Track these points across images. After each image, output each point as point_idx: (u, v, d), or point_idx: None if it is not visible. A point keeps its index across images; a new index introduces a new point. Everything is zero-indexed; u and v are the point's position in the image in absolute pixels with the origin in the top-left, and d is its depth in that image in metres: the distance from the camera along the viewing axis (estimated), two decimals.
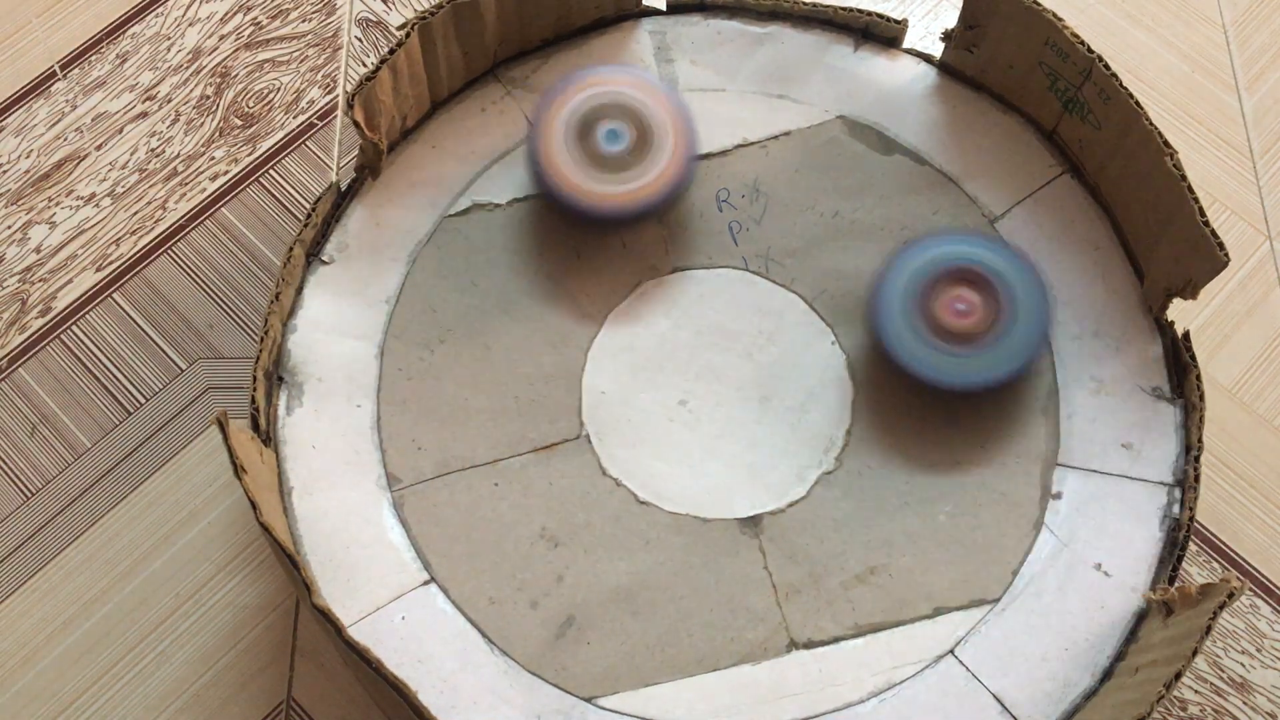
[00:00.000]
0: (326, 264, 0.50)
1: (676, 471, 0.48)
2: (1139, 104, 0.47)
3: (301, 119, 0.58)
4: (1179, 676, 0.40)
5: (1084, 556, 0.46)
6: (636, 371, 0.50)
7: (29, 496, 0.51)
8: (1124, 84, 0.47)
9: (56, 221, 0.56)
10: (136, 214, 0.56)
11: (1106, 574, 0.46)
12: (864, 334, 0.50)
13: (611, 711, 0.44)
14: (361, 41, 0.60)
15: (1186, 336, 0.48)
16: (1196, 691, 0.48)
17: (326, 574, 0.46)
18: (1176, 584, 0.45)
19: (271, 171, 0.57)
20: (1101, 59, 0.47)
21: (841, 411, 0.49)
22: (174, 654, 0.49)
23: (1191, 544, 0.51)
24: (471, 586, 0.46)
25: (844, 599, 0.46)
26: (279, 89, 0.59)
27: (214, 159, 0.57)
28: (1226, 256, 0.45)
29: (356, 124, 0.48)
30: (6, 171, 0.57)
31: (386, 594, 0.46)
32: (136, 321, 0.55)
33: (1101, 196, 0.51)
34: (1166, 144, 0.46)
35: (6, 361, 0.54)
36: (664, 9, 0.55)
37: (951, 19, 0.60)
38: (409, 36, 0.49)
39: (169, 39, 0.60)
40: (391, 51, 0.48)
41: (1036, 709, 0.44)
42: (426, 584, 0.46)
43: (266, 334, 0.47)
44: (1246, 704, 0.48)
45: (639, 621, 0.46)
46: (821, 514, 0.47)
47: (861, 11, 0.54)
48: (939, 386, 0.47)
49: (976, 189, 0.52)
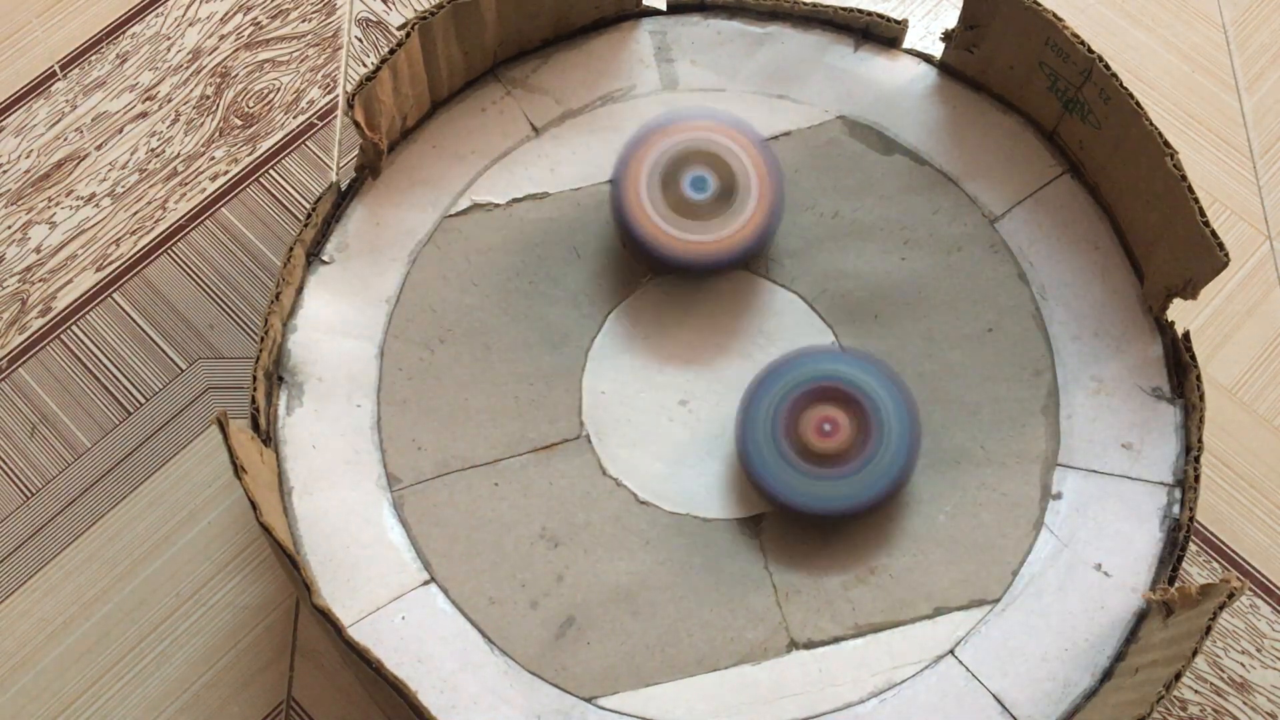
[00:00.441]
0: (326, 264, 0.50)
1: (676, 471, 0.48)
2: (1139, 104, 0.47)
3: (301, 119, 0.58)
4: (1179, 676, 0.40)
5: (1084, 556, 0.46)
6: (636, 371, 0.50)
7: (29, 496, 0.51)
8: (1124, 84, 0.47)
9: (56, 221, 0.56)
10: (136, 214, 0.56)
11: (1106, 574, 0.46)
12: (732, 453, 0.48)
13: (611, 711, 0.44)
14: (361, 41, 0.60)
15: (1186, 336, 0.48)
16: (1196, 691, 0.48)
17: (326, 574, 0.46)
18: (1176, 584, 0.45)
19: (271, 171, 0.57)
20: (1101, 59, 0.47)
21: None
22: (174, 654, 0.49)
23: (1191, 544, 0.51)
24: (471, 586, 0.46)
25: (844, 599, 0.46)
26: (279, 89, 0.59)
27: (214, 159, 0.57)
28: (1226, 256, 0.45)
29: (356, 124, 0.48)
30: (6, 171, 0.57)
31: (386, 594, 0.46)
32: (136, 321, 0.55)
33: (1101, 196, 0.51)
34: (1166, 144, 0.46)
35: (6, 361, 0.54)
36: (664, 9, 0.55)
37: (951, 19, 0.60)
38: (409, 36, 0.49)
39: (169, 39, 0.60)
40: (391, 51, 0.48)
41: (1036, 709, 0.44)
42: (426, 584, 0.46)
43: (266, 334, 0.47)
44: (1246, 704, 0.48)
45: (639, 621, 0.46)
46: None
47: (861, 11, 0.54)
48: (806, 512, 0.45)
49: (976, 189, 0.52)
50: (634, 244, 0.49)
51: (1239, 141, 0.58)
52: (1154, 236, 0.48)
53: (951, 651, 0.45)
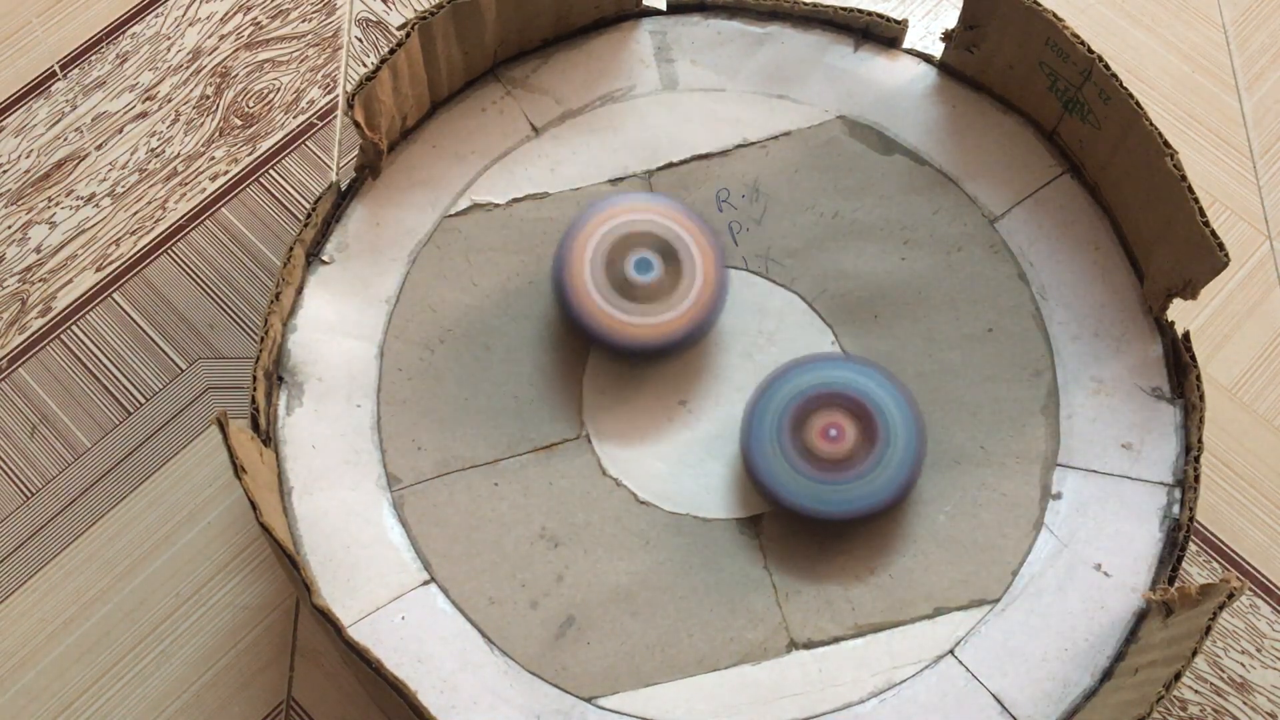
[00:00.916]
0: (326, 264, 0.50)
1: (676, 471, 0.48)
2: (1139, 104, 0.47)
3: (301, 119, 0.58)
4: (1179, 676, 0.40)
5: (1084, 556, 0.46)
6: (636, 371, 0.50)
7: (29, 496, 0.51)
8: (1124, 84, 0.47)
9: (56, 221, 0.56)
10: (136, 214, 0.56)
11: (1106, 574, 0.46)
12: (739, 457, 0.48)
13: (611, 711, 0.44)
14: (361, 41, 0.60)
15: (1186, 336, 0.48)
16: (1196, 691, 0.48)
17: (326, 574, 0.46)
18: (1176, 584, 0.45)
19: (271, 171, 0.57)
20: (1101, 59, 0.47)
21: None
22: (174, 654, 0.49)
23: (1191, 544, 0.51)
24: (471, 586, 0.46)
25: (844, 599, 0.46)
26: (279, 89, 0.59)
27: (214, 159, 0.57)
28: (1226, 256, 0.45)
29: (356, 124, 0.48)
30: (6, 171, 0.57)
31: (386, 594, 0.46)
32: (136, 321, 0.55)
33: (1101, 196, 0.51)
34: (1166, 144, 0.46)
35: (6, 361, 0.54)
36: (664, 9, 0.55)
37: (951, 19, 0.60)
38: (409, 36, 0.49)
39: (169, 39, 0.60)
40: (391, 51, 0.48)
41: (1036, 709, 0.44)
42: (426, 584, 0.46)
43: (266, 334, 0.47)
44: (1246, 704, 0.48)
45: (639, 621, 0.46)
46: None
47: (861, 11, 0.54)
48: (812, 516, 0.45)
49: (976, 189, 0.52)
50: (577, 325, 0.48)
51: (1239, 141, 0.58)
52: (1154, 236, 0.48)
53: (951, 651, 0.45)
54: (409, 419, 0.48)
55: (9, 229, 0.56)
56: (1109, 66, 0.47)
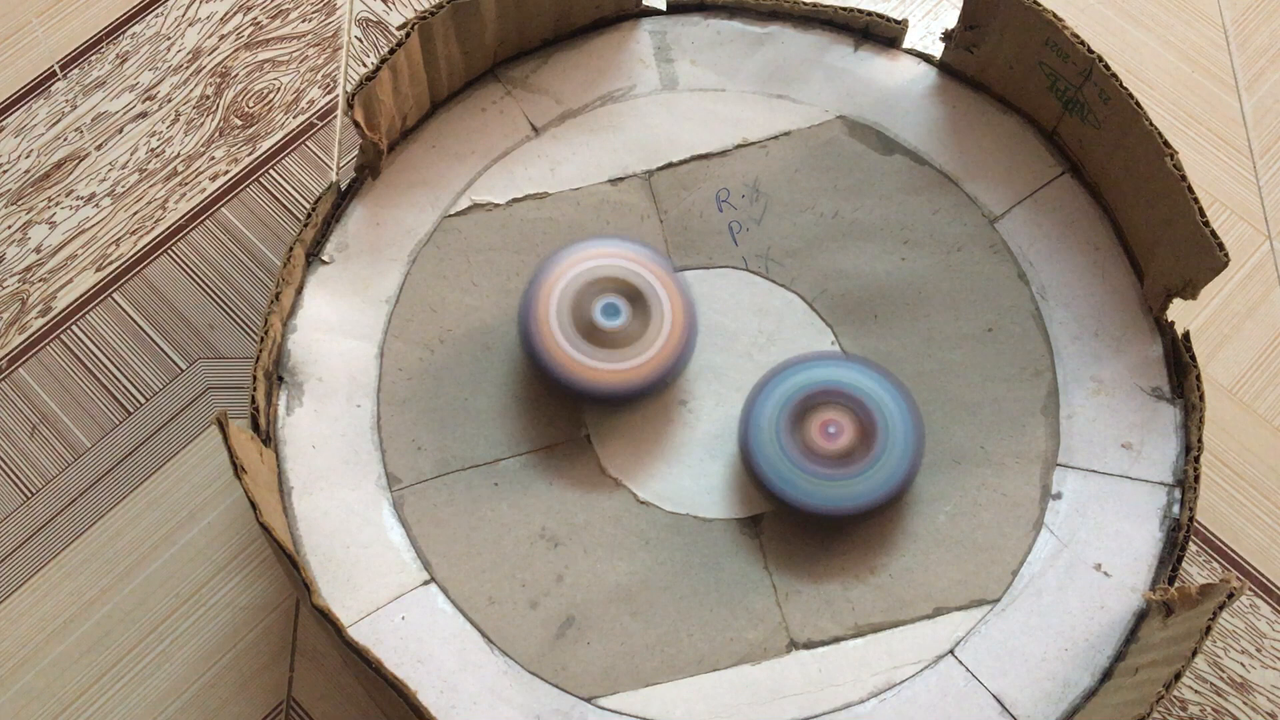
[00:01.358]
0: (326, 264, 0.50)
1: (676, 471, 0.48)
2: (1139, 104, 0.47)
3: (301, 119, 0.58)
4: (1179, 676, 0.40)
5: (1084, 556, 0.46)
6: None
7: (29, 496, 0.51)
8: (1124, 84, 0.47)
9: (56, 221, 0.56)
10: (136, 214, 0.56)
11: (1106, 574, 0.46)
12: (738, 456, 0.48)
13: (611, 711, 0.44)
14: (361, 41, 0.60)
15: (1186, 336, 0.48)
16: (1196, 691, 0.48)
17: (326, 574, 0.46)
18: (1176, 584, 0.45)
19: (271, 171, 0.57)
20: (1101, 59, 0.47)
21: None
22: (174, 654, 0.49)
23: (1191, 544, 0.51)
24: (471, 586, 0.46)
25: (844, 599, 0.46)
26: (279, 89, 0.59)
27: (214, 159, 0.57)
28: (1226, 256, 0.45)
29: (356, 124, 0.48)
30: (6, 171, 0.57)
31: (386, 594, 0.46)
32: (136, 321, 0.55)
33: (1101, 196, 0.51)
34: (1166, 144, 0.46)
35: (6, 361, 0.54)
36: (664, 9, 0.55)
37: (951, 19, 0.60)
38: (409, 36, 0.49)
39: (169, 39, 0.60)
40: (391, 51, 0.48)
41: (1036, 709, 0.44)
42: (426, 584, 0.46)
43: (266, 334, 0.47)
44: (1246, 704, 0.48)
45: (639, 621, 0.46)
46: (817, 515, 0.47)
47: (861, 11, 0.54)
48: (811, 512, 0.45)
49: (976, 189, 0.52)
50: (544, 373, 0.47)
51: (1239, 141, 0.58)
52: (1154, 236, 0.48)
53: (951, 651, 0.45)
54: (409, 419, 0.48)
55: (9, 229, 0.56)
56: (1109, 66, 0.47)
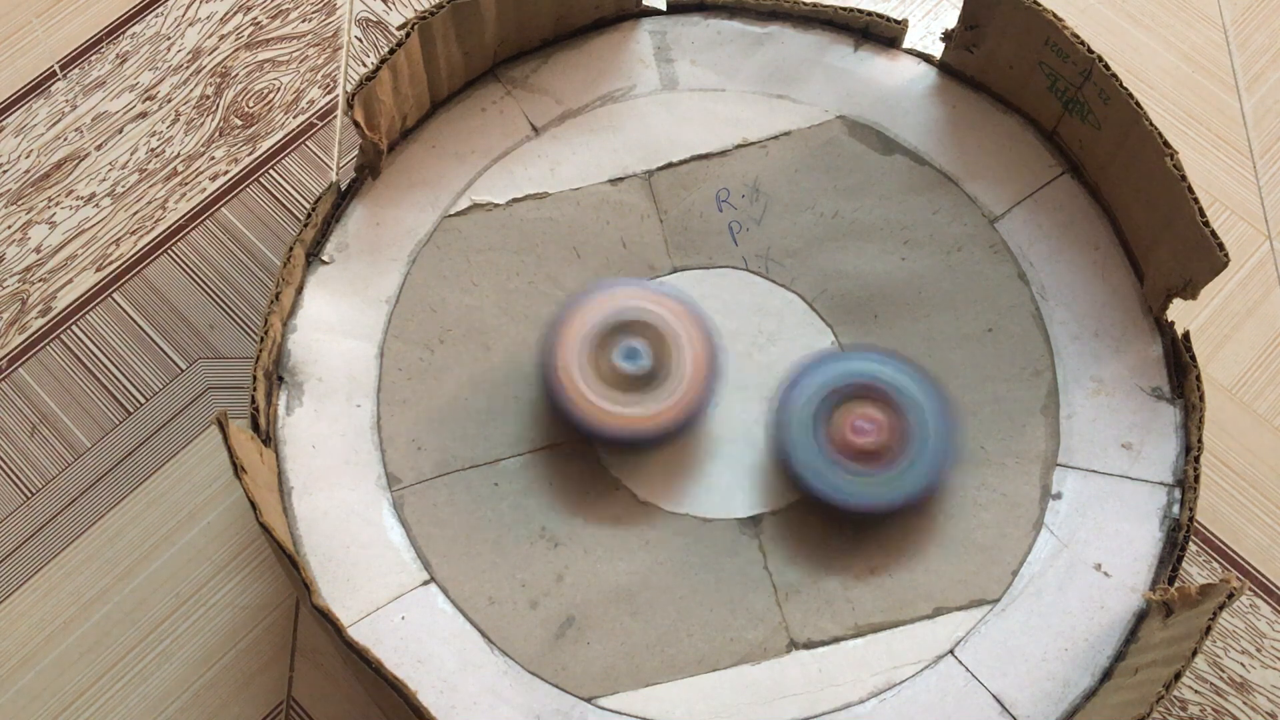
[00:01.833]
0: (326, 264, 0.50)
1: (676, 471, 0.48)
2: (1139, 104, 0.47)
3: (301, 119, 0.58)
4: (1179, 676, 0.40)
5: (1084, 557, 0.46)
6: None
7: (29, 496, 0.51)
8: (1124, 84, 0.47)
9: (56, 221, 0.56)
10: (136, 214, 0.56)
11: (1106, 574, 0.46)
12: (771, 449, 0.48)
13: (611, 711, 0.44)
14: (361, 41, 0.60)
15: (1186, 336, 0.48)
16: (1196, 691, 0.48)
17: (326, 574, 0.46)
18: (1176, 584, 0.45)
19: (271, 171, 0.57)
20: (1101, 59, 0.47)
21: None
22: (174, 654, 0.49)
23: (1191, 544, 0.51)
24: (471, 586, 0.46)
25: (844, 599, 0.46)
26: (279, 89, 0.59)
27: (214, 159, 0.57)
28: (1226, 257, 0.45)
29: (356, 124, 0.48)
30: (6, 171, 0.57)
31: (386, 594, 0.46)
32: (136, 321, 0.55)
33: (1101, 196, 0.51)
34: (1166, 144, 0.46)
35: (6, 361, 0.54)
36: (664, 9, 0.55)
37: (951, 19, 0.60)
38: (409, 36, 0.49)
39: (169, 39, 0.60)
40: (391, 51, 0.48)
41: (1036, 709, 0.44)
42: (426, 584, 0.46)
43: (266, 334, 0.47)
44: (1246, 704, 0.48)
45: (639, 621, 0.46)
46: (821, 514, 0.47)
47: (861, 11, 0.54)
48: (844, 508, 0.46)
49: (976, 189, 0.52)
50: (565, 417, 0.47)
51: (1239, 141, 0.58)
52: (1154, 236, 0.48)
53: (951, 651, 0.45)
54: (409, 419, 0.48)
55: (9, 229, 0.56)
56: (1109, 66, 0.47)
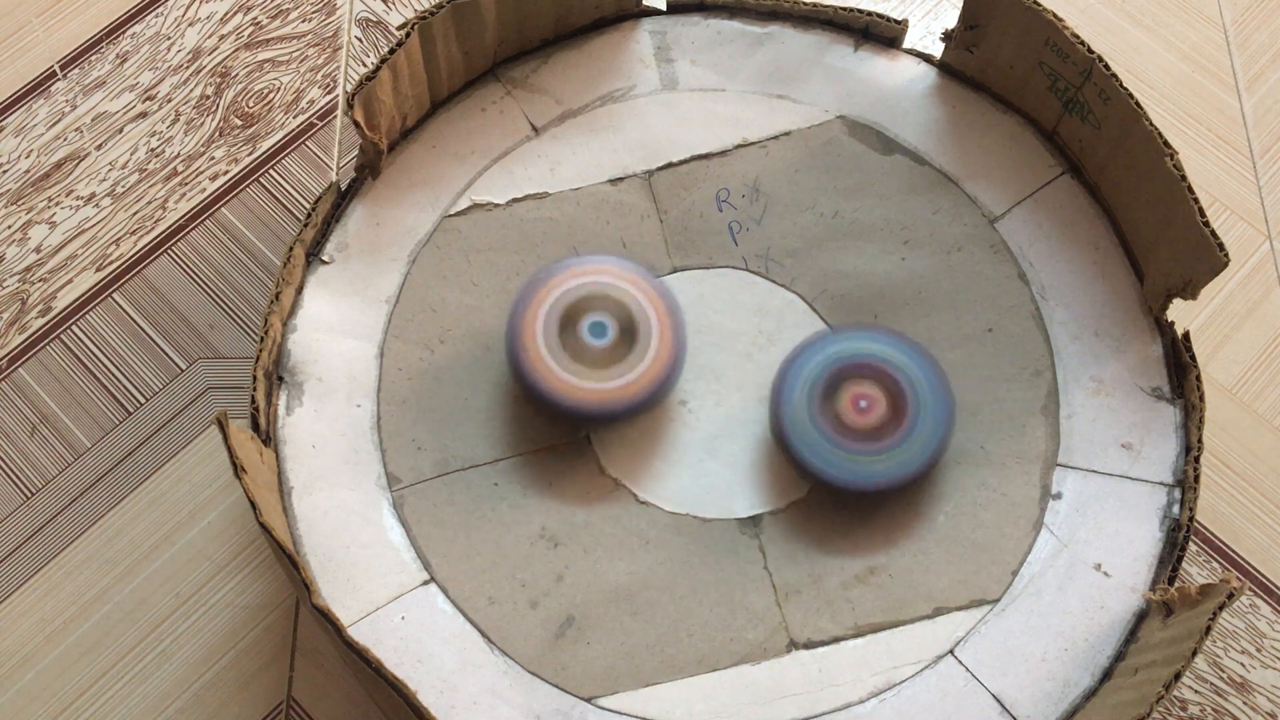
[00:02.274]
0: (326, 264, 0.50)
1: (676, 471, 0.48)
2: (1139, 104, 0.47)
3: (301, 119, 0.58)
4: (1179, 676, 0.40)
5: (1084, 557, 0.46)
6: None
7: (29, 496, 0.51)
8: (1124, 84, 0.47)
9: (56, 221, 0.56)
10: (136, 214, 0.56)
11: (1106, 574, 0.46)
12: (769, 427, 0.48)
13: (611, 711, 0.44)
14: (361, 41, 0.60)
15: (1186, 336, 0.48)
16: (1196, 691, 0.48)
17: (326, 574, 0.46)
18: (1176, 584, 0.45)
19: (271, 171, 0.57)
20: (1101, 59, 0.47)
21: None
22: (174, 654, 0.49)
23: (1191, 544, 0.51)
24: (471, 586, 0.46)
25: (844, 599, 0.46)
26: (279, 89, 0.59)
27: (214, 159, 0.57)
28: (1226, 257, 0.45)
29: (356, 124, 0.48)
30: (6, 171, 0.57)
31: (386, 594, 0.46)
32: (136, 321, 0.55)
33: (1101, 196, 0.51)
34: (1166, 144, 0.46)
35: (6, 361, 0.54)
36: (664, 9, 0.55)
37: (951, 19, 0.60)
38: (409, 36, 0.49)
39: (169, 39, 0.60)
40: (391, 51, 0.48)
41: (1036, 709, 0.44)
42: (426, 584, 0.46)
43: (266, 334, 0.47)
44: (1246, 704, 0.48)
45: (639, 621, 0.46)
46: (821, 514, 0.47)
47: (861, 11, 0.54)
48: (843, 487, 0.46)
49: (976, 189, 0.52)
50: (532, 392, 0.47)
51: (1239, 141, 0.58)
52: (1154, 236, 0.48)
53: (951, 651, 0.45)
54: (409, 419, 0.48)
55: (9, 229, 0.56)
56: (1109, 66, 0.47)
